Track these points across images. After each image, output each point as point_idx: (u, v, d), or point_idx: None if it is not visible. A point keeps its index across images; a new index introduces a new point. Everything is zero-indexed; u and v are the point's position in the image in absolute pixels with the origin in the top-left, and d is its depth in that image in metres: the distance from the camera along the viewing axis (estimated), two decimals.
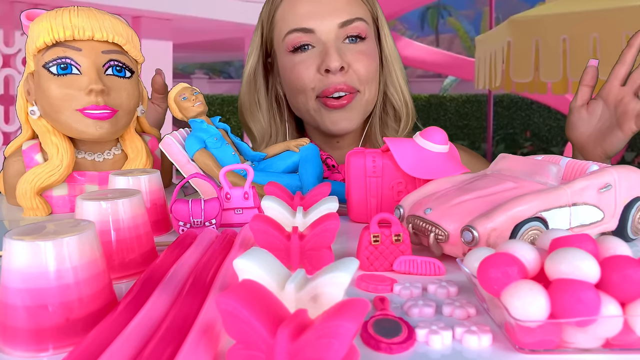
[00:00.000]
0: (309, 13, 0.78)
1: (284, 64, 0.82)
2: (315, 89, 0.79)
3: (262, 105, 0.88)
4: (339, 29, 0.78)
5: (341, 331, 0.24)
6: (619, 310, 0.31)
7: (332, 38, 0.78)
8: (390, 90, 0.87)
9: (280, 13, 0.81)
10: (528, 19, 2.91)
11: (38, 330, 0.32)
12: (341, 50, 0.78)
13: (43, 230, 0.35)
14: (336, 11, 0.78)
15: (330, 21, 0.78)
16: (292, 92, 0.83)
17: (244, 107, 0.89)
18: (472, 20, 23.03)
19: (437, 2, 21.35)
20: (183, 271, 0.40)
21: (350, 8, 0.79)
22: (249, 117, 0.89)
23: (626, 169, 0.52)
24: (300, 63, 0.79)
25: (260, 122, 0.88)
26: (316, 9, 0.78)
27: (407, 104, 0.88)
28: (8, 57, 3.54)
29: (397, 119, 0.88)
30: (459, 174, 0.57)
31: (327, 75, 0.78)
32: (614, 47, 2.40)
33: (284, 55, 0.82)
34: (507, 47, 2.89)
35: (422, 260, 0.46)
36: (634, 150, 7.67)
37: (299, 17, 0.79)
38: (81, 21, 0.67)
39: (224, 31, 6.11)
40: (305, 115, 0.85)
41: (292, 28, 0.79)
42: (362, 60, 0.79)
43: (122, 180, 0.57)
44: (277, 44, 0.83)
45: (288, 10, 0.80)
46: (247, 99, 0.88)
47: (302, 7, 0.79)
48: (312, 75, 0.79)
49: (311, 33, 0.78)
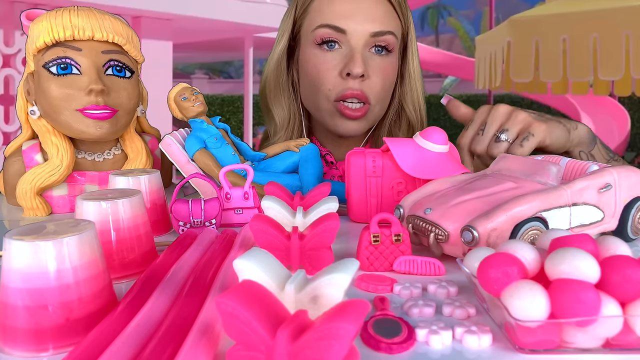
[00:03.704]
0: (345, 13, 0.78)
1: (307, 55, 0.82)
2: (333, 91, 0.79)
3: (284, 89, 0.87)
4: (370, 37, 0.78)
5: (341, 332, 0.24)
6: (619, 310, 0.31)
7: (361, 44, 0.78)
8: (408, 106, 0.87)
9: (317, 4, 0.81)
10: (528, 19, 2.91)
11: (38, 330, 0.32)
12: (365, 59, 0.78)
13: (43, 230, 0.35)
14: (372, 19, 0.78)
15: (363, 27, 0.78)
16: (309, 87, 0.83)
17: (270, 90, 0.88)
18: (472, 20, 23.04)
19: (437, 2, 21.37)
20: (183, 271, 0.40)
21: (385, 20, 0.79)
22: (272, 101, 0.88)
23: (626, 169, 0.52)
24: (324, 63, 0.79)
25: (282, 106, 0.87)
26: (353, 11, 0.78)
27: (422, 122, 0.88)
28: (8, 57, 3.54)
29: (409, 131, 0.89)
30: (459, 174, 0.57)
31: (346, 79, 0.78)
32: (614, 47, 2.40)
33: (309, 46, 0.81)
34: (507, 47, 2.89)
35: (422, 260, 0.46)
36: (633, 150, 7.67)
37: (334, 14, 0.78)
38: (81, 21, 0.67)
39: (224, 31, 6.11)
40: (317, 113, 0.85)
41: (325, 22, 0.79)
42: (380, 75, 0.80)
43: (122, 180, 0.57)
44: (305, 32, 0.83)
45: (326, 4, 0.79)
46: (274, 82, 0.87)
47: (340, 4, 0.78)
48: (333, 77, 0.79)
49: (342, 33, 0.78)
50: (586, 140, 0.69)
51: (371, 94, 0.79)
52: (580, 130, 0.68)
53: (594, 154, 0.70)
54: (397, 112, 0.88)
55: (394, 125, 0.89)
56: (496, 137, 0.64)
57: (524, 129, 0.63)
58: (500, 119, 0.64)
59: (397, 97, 0.87)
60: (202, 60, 15.63)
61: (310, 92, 0.83)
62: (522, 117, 0.64)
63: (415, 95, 0.87)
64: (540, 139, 0.63)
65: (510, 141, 0.63)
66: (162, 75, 4.78)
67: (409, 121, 0.88)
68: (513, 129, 0.63)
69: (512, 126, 0.63)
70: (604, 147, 0.72)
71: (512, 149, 0.62)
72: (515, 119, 0.64)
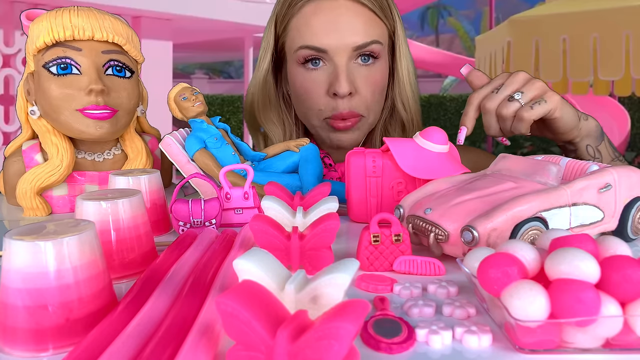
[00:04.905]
0: (324, 30, 0.76)
1: (293, 74, 0.82)
2: (323, 112, 0.79)
3: (273, 105, 0.87)
4: (353, 51, 0.76)
5: (341, 332, 0.24)
6: (619, 310, 0.31)
7: (345, 61, 0.76)
8: (398, 106, 0.86)
9: (295, 23, 0.79)
10: (528, 19, 2.91)
11: (38, 330, 0.32)
12: (351, 73, 0.77)
13: (43, 230, 0.35)
14: (352, 34, 0.76)
15: (344, 43, 0.76)
16: (299, 104, 0.83)
17: (258, 108, 0.87)
18: (472, 20, 23.05)
19: (437, 2, 21.37)
20: (183, 271, 0.40)
21: (367, 30, 0.77)
22: (263, 119, 0.87)
23: (626, 169, 0.52)
24: (310, 82, 0.79)
25: (274, 123, 0.86)
26: (332, 27, 0.76)
27: (413, 119, 0.87)
28: (8, 57, 3.54)
29: (403, 131, 0.88)
30: (459, 174, 0.57)
31: (334, 98, 0.77)
32: (614, 47, 2.40)
33: (294, 65, 0.81)
34: (507, 47, 2.89)
35: (422, 260, 0.46)
36: (633, 150, 7.67)
37: (312, 34, 0.76)
38: (81, 21, 0.67)
39: (224, 31, 6.11)
40: (309, 127, 0.85)
41: (305, 44, 0.77)
42: (369, 87, 0.79)
43: (122, 180, 0.57)
44: (289, 51, 0.82)
45: (303, 23, 0.78)
46: (262, 100, 0.86)
47: (317, 23, 0.76)
48: (321, 97, 0.78)
49: (323, 52, 0.77)
50: (594, 133, 0.69)
51: (361, 108, 0.79)
52: (590, 122, 0.69)
53: (600, 150, 0.70)
54: (390, 111, 0.88)
55: (389, 125, 0.88)
56: (509, 97, 0.64)
57: (538, 95, 0.63)
58: (518, 83, 0.64)
59: (389, 97, 0.87)
60: (202, 60, 15.63)
61: (301, 108, 0.83)
62: (540, 84, 0.64)
63: (405, 94, 0.86)
64: (552, 107, 0.63)
65: (522, 103, 0.63)
66: (162, 75, 4.78)
67: (402, 119, 0.87)
68: (528, 93, 0.63)
69: (527, 90, 0.63)
70: (611, 145, 0.72)
71: (521, 110, 0.62)
72: (533, 85, 0.64)
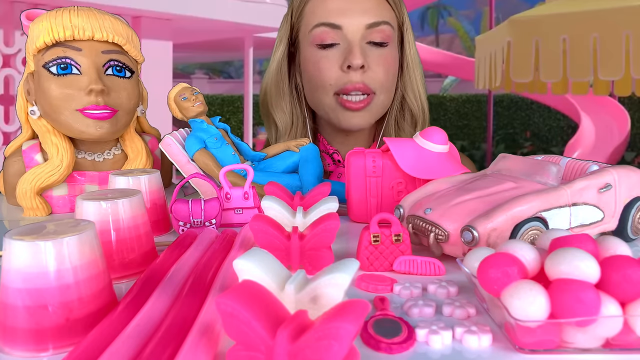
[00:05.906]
0: (338, 9, 0.80)
1: (307, 56, 0.84)
2: (334, 86, 0.81)
3: (285, 94, 0.89)
4: (366, 29, 0.79)
5: (341, 333, 0.24)
6: (619, 310, 0.31)
7: (358, 37, 0.79)
8: (409, 96, 0.88)
9: (310, 6, 0.83)
10: (528, 19, 2.91)
11: (38, 330, 0.32)
12: (364, 51, 0.80)
13: (43, 230, 0.35)
14: (365, 11, 0.80)
15: (358, 20, 0.79)
16: (310, 85, 0.85)
17: (270, 96, 0.89)
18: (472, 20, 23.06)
19: (437, 2, 21.36)
20: (183, 271, 0.40)
21: (378, 11, 0.81)
22: (273, 107, 0.89)
23: (626, 169, 0.52)
24: (323, 58, 0.81)
25: (284, 111, 0.88)
26: (346, 6, 0.80)
27: (424, 111, 0.89)
28: (8, 57, 3.54)
29: (413, 123, 0.90)
30: (459, 174, 0.57)
31: (347, 72, 0.79)
32: (614, 47, 2.40)
33: (308, 48, 0.83)
34: (507, 47, 2.89)
35: (422, 260, 0.46)
36: (633, 150, 7.67)
37: (328, 12, 0.80)
38: (81, 21, 0.67)
39: (224, 31, 6.10)
40: (320, 110, 0.86)
41: (320, 22, 0.80)
42: (382, 65, 0.81)
43: (122, 180, 0.57)
44: (303, 35, 0.84)
45: (319, 4, 0.82)
46: (274, 88, 0.88)
47: (333, 2, 0.80)
48: (334, 72, 0.80)
49: (338, 29, 0.79)
50: None
51: (374, 84, 0.80)
52: None
53: None
54: (400, 104, 0.89)
55: (399, 117, 0.90)
56: None
57: None
58: None
59: (399, 89, 0.88)
60: (202, 60, 15.61)
61: (312, 89, 0.84)
62: None
63: (415, 84, 0.88)
64: None
65: None
66: (162, 75, 4.78)
67: (411, 111, 0.89)
68: None
69: None
70: None
71: None
72: None
